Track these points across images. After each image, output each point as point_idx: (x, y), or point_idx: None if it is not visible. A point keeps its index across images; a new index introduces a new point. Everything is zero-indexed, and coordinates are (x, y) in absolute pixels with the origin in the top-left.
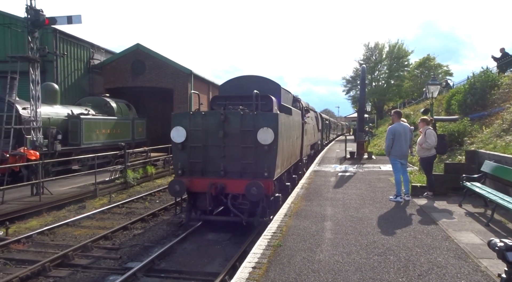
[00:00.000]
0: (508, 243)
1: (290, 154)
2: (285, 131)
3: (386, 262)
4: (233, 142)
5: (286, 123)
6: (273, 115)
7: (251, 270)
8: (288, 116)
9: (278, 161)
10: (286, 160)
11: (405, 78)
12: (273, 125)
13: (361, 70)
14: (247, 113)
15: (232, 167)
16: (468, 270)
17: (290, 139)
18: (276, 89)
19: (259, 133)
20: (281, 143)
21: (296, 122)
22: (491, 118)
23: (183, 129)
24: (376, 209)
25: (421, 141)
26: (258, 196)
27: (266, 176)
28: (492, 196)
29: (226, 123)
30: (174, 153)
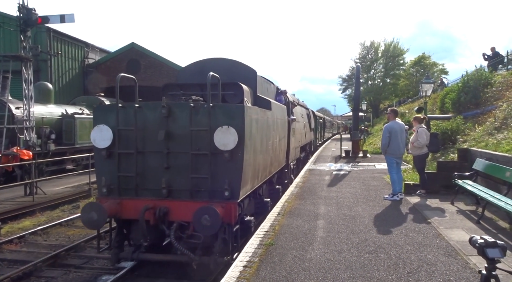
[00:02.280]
0: (488, 240)
1: (270, 161)
2: (259, 131)
3: (376, 260)
4: (180, 147)
5: (261, 120)
6: (238, 108)
7: (242, 269)
8: (264, 111)
9: (247, 174)
10: (262, 170)
11: (401, 77)
12: (238, 122)
13: (356, 69)
14: (200, 106)
15: (179, 183)
16: (457, 267)
17: (269, 141)
18: (251, 77)
19: (217, 134)
20: (252, 147)
21: (278, 119)
22: (484, 116)
23: (109, 128)
24: (369, 208)
25: (413, 140)
26: (211, 228)
27: (227, 197)
28: (483, 193)
29: (170, 120)
30: (97, 163)
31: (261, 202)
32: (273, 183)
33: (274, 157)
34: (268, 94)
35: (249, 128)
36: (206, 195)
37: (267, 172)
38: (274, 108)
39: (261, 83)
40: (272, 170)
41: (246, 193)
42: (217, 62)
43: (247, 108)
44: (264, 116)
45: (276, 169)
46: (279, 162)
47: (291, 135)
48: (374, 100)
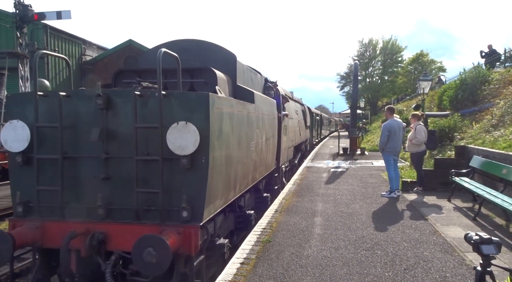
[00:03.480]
0: (483, 237)
1: (253, 165)
2: (236, 129)
3: (373, 257)
4: (123, 151)
5: (238, 115)
6: (200, 98)
7: (239, 266)
8: (244, 105)
9: (216, 186)
10: (242, 177)
11: (399, 74)
12: (200, 116)
13: (354, 66)
14: (149, 94)
15: (121, 200)
16: (453, 264)
17: (252, 142)
18: (229, 63)
19: (171, 133)
20: (223, 150)
21: (265, 115)
22: (481, 113)
23: (25, 125)
24: (366, 205)
25: (411, 137)
26: (157, 266)
27: (186, 219)
28: (479, 191)
29: (109, 114)
30: (11, 172)
31: (242, 216)
32: (259, 190)
33: (259, 160)
34: (254, 85)
35: (217, 125)
36: (157, 217)
37: (250, 179)
38: (259, 101)
39: (243, 71)
40: (257, 176)
41: (216, 210)
42: (188, 43)
43: (215, 98)
44: (243, 110)
45: (263, 174)
46: (266, 165)
47: (283, 134)
48: (372, 97)
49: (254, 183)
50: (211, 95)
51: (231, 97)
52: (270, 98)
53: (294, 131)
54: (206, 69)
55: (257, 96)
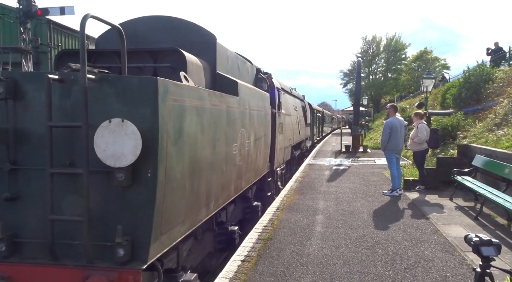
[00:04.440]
0: (483, 238)
1: (237, 172)
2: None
3: (374, 256)
4: (35, 160)
5: (211, 110)
6: (144, 84)
7: (240, 264)
8: (222, 97)
9: (174, 208)
10: (221, 189)
11: (402, 72)
12: (144, 112)
13: (357, 63)
14: (72, 79)
15: (33, 230)
16: (454, 264)
17: (234, 144)
18: (207, 45)
19: (100, 135)
20: (183, 158)
21: (254, 111)
22: (485, 112)
23: None
24: (368, 203)
25: (413, 135)
26: None
27: (123, 259)
28: (481, 190)
29: (17, 107)
30: None
31: (223, 234)
32: (249, 199)
33: (246, 165)
34: (241, 75)
35: (174, 123)
36: (82, 255)
37: (233, 190)
38: (246, 94)
39: (226, 57)
40: (243, 184)
41: (176, 239)
42: (157, 21)
43: (169, 86)
44: (220, 105)
45: (253, 180)
46: (257, 170)
47: (278, 132)
48: (375, 95)
49: (239, 193)
50: (161, 81)
51: (200, 87)
52: (262, 91)
53: (292, 129)
54: (172, 50)
55: (242, 87)
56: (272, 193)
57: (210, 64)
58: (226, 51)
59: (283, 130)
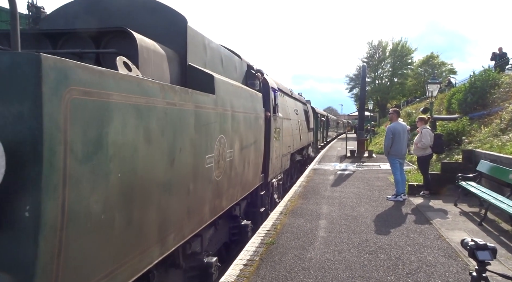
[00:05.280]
0: (479, 242)
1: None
2: (159, 136)
3: (376, 261)
4: None
5: (167, 111)
6: (17, 63)
7: (242, 268)
8: (186, 94)
9: (97, 258)
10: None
11: (409, 76)
12: (16, 112)
13: (362, 68)
14: None
15: None
16: (456, 269)
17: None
18: (175, 30)
19: None
20: (107, 183)
21: (240, 112)
22: (491, 117)
23: None
24: (372, 208)
25: (417, 141)
26: None
27: None
28: (486, 195)
29: None
30: None
31: (196, 267)
32: (236, 217)
33: (229, 179)
34: (226, 71)
35: (85, 130)
36: None
37: (208, 212)
38: (228, 92)
39: (202, 46)
40: (225, 203)
41: None
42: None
43: (69, 68)
44: (183, 103)
45: (239, 197)
46: (245, 184)
47: (273, 138)
48: (381, 99)
49: (220, 213)
50: (51, 60)
51: (145, 77)
52: (252, 90)
53: (292, 134)
54: (120, 32)
55: (222, 83)
56: (266, 209)
57: (178, 54)
58: (202, 39)
59: (280, 136)
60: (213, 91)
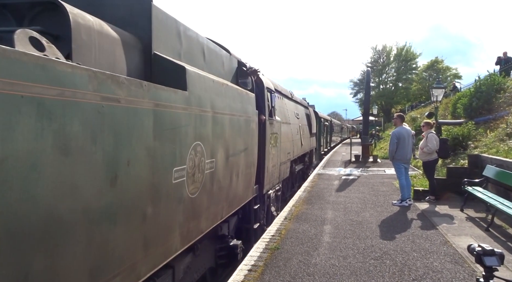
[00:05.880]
0: (486, 248)
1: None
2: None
3: (382, 266)
4: None
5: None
6: None
7: (246, 273)
8: (140, 87)
9: None
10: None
11: (413, 81)
12: None
13: (366, 73)
14: None
15: None
16: (463, 275)
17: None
18: (135, 9)
19: None
20: None
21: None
22: (496, 122)
23: None
24: (377, 213)
25: (423, 145)
26: None
27: None
28: (492, 201)
29: None
30: None
31: None
32: (224, 237)
33: (210, 195)
34: (209, 66)
35: None
36: None
37: (179, 240)
38: (205, 89)
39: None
40: (204, 225)
41: None
42: None
43: None
44: (133, 99)
45: (225, 214)
46: (232, 198)
47: (269, 145)
48: (386, 104)
49: (198, 238)
50: None
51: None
52: (241, 89)
53: (292, 140)
54: (49, 3)
55: (197, 78)
56: (262, 224)
57: (141, 40)
58: (175, 25)
59: (277, 142)
60: (184, 87)
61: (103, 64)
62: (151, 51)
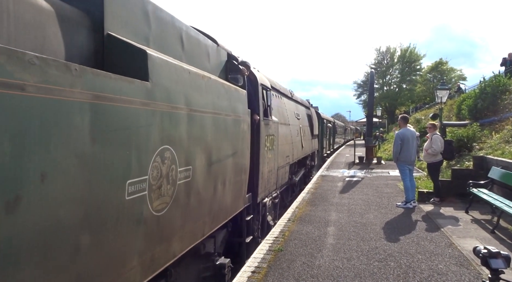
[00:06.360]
0: (492, 250)
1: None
2: None
3: (386, 268)
4: None
5: None
6: None
7: (250, 275)
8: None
9: None
10: None
11: (417, 83)
12: None
13: (370, 74)
14: None
15: None
16: (469, 278)
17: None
18: None
19: None
20: None
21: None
22: (501, 123)
23: None
24: (381, 215)
25: (427, 147)
26: None
27: None
28: (498, 203)
29: None
30: None
31: None
32: (209, 255)
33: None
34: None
35: None
36: None
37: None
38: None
39: (138, 10)
40: (177, 248)
41: None
42: None
43: None
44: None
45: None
46: (218, 212)
47: (265, 148)
48: (390, 106)
49: (171, 262)
50: None
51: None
52: (230, 85)
53: (291, 142)
54: None
55: (165, 66)
56: (256, 236)
57: (89, 16)
58: (141, 2)
59: (274, 144)
60: (145, 76)
61: (21, 41)
62: (103, 30)
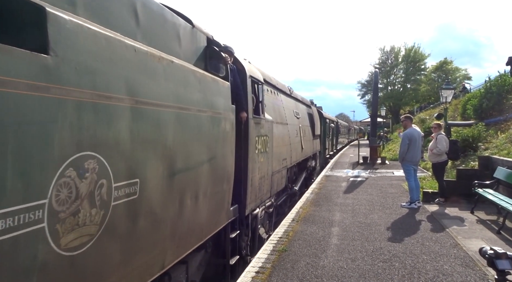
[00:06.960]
0: (498, 251)
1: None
2: None
3: (390, 269)
4: None
5: None
6: None
7: (254, 275)
8: None
9: None
10: None
11: (422, 82)
12: None
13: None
14: None
15: None
16: (474, 279)
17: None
18: None
19: None
20: None
21: (170, 108)
22: (507, 123)
23: None
24: (385, 215)
25: (432, 147)
26: None
27: None
28: (504, 203)
29: None
30: None
31: None
32: None
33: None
34: (145, 35)
35: None
36: None
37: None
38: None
39: None
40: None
41: None
42: None
43: None
44: None
45: (168, 264)
46: (186, 235)
47: (256, 151)
48: (394, 105)
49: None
50: None
51: None
52: (210, 74)
53: (289, 143)
54: None
55: (84, 33)
56: (245, 254)
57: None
58: None
59: (268, 146)
60: (44, 46)
61: None
62: None
